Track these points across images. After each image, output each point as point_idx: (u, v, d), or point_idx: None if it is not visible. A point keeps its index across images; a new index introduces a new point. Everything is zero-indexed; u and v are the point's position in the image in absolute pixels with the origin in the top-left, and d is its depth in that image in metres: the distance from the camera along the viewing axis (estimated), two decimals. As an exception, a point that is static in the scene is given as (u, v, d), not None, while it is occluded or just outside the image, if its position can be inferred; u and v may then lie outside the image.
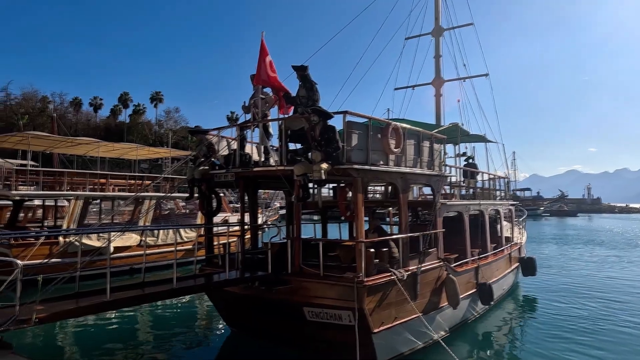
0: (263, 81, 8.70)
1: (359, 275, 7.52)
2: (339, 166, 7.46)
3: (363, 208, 7.90)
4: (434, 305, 9.34)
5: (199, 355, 9.47)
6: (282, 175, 8.20)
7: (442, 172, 10.43)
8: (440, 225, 10.11)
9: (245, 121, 9.19)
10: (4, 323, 4.71)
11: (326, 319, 7.85)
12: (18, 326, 4.81)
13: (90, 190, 19.18)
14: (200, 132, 9.69)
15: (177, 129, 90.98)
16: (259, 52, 8.69)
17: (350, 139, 7.73)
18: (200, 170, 9.17)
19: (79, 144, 21.55)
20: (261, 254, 9.75)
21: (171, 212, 27.62)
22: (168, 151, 26.42)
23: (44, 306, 5.38)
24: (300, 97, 8.38)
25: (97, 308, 5.85)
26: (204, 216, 10.23)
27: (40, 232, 17.43)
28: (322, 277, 7.81)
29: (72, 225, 17.93)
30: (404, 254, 8.75)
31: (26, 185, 18.09)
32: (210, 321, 11.75)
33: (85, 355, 9.04)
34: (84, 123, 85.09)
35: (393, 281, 8.06)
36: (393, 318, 8.20)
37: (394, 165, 8.85)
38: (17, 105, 77.85)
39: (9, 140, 19.78)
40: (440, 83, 17.71)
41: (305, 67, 8.35)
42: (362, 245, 7.61)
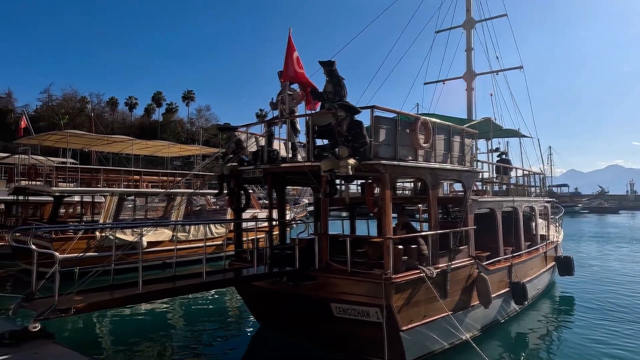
0: (290, 77, 8.70)
1: (387, 272, 7.43)
2: (366, 162, 7.38)
3: (391, 204, 7.79)
4: (465, 304, 9.12)
5: (228, 348, 9.61)
6: (309, 171, 8.20)
7: (473, 168, 10.15)
8: (471, 222, 9.86)
9: (272, 118, 9.22)
10: (45, 312, 4.92)
11: (354, 315, 7.80)
12: (57, 315, 5.02)
13: (125, 187, 19.81)
14: (229, 129, 9.81)
15: (208, 127, 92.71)
16: (286, 48, 8.70)
17: (377, 134, 7.64)
18: (229, 166, 9.28)
19: (114, 141, 22.30)
20: (289, 249, 9.81)
21: (202, 208, 28.22)
22: (198, 148, 26.95)
23: (81, 297, 5.58)
24: (327, 93, 8.33)
25: (130, 300, 6.03)
26: (233, 212, 10.35)
27: (77, 226, 18.13)
28: (350, 274, 7.77)
29: (108, 220, 18.58)
30: (434, 251, 8.58)
31: (65, 182, 18.88)
32: (239, 316, 11.92)
33: (120, 345, 9.34)
34: (119, 122, 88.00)
35: (422, 278, 7.92)
36: (422, 316, 8.07)
37: (423, 161, 8.69)
38: (58, 106, 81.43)
39: (49, 138, 20.67)
40: (472, 77, 17.29)
41: (332, 62, 8.29)
42: (390, 241, 7.52)
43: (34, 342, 5.36)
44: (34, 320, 4.96)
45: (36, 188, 18.40)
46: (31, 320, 5.01)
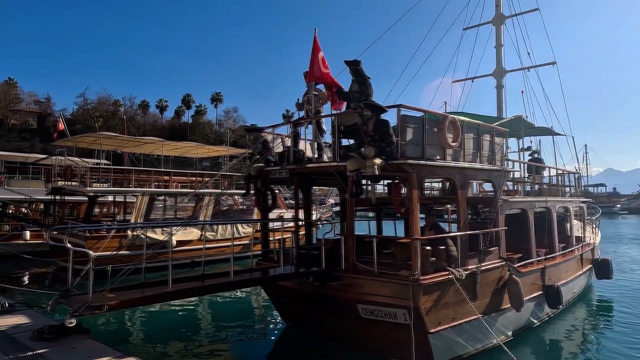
0: (316, 77, 8.70)
1: (414, 273, 7.32)
2: (393, 161, 7.29)
3: (418, 204, 7.67)
4: (495, 307, 8.88)
5: (254, 347, 9.70)
6: (335, 171, 8.17)
7: (503, 167, 9.87)
8: (502, 223, 9.60)
9: (298, 118, 9.25)
10: (80, 309, 5.10)
11: (380, 316, 7.72)
12: (91, 312, 5.18)
13: (155, 187, 20.31)
14: (256, 130, 9.90)
15: (236, 128, 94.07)
16: (312, 48, 8.71)
17: (404, 133, 7.53)
18: (256, 167, 9.36)
19: (145, 143, 22.91)
20: (315, 249, 9.82)
21: (230, 208, 28.66)
22: (226, 149, 27.34)
23: (113, 295, 5.74)
24: (353, 92, 8.28)
25: (160, 298, 6.17)
26: (259, 212, 10.44)
27: (109, 225, 18.69)
28: (376, 274, 7.70)
29: (139, 219, 19.08)
30: (463, 253, 8.40)
31: (99, 183, 19.51)
32: (265, 315, 12.01)
33: (149, 340, 9.56)
34: (151, 124, 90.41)
35: (451, 280, 7.77)
36: (451, 318, 7.91)
37: (451, 160, 8.52)
38: (92, 109, 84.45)
39: (84, 140, 21.44)
40: (502, 74, 16.84)
41: (358, 61, 8.23)
42: (417, 242, 7.40)
43: (71, 337, 5.56)
44: (69, 316, 5.15)
45: (71, 188, 19.10)
46: (67, 316, 5.20)
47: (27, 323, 6.38)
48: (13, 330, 6.00)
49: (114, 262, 7.05)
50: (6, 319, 6.57)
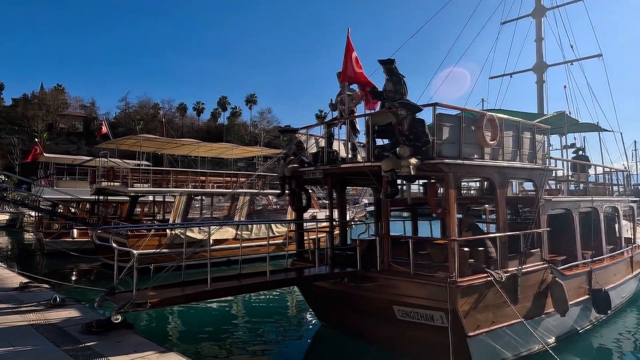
0: (349, 78, 8.68)
1: (452, 275, 7.17)
2: (429, 161, 7.17)
3: (455, 205, 7.50)
4: (538, 310, 8.56)
5: (289, 346, 9.77)
6: (369, 172, 8.12)
7: (545, 166, 9.50)
8: (544, 224, 9.24)
9: (332, 118, 9.26)
10: (124, 305, 5.32)
11: (417, 318, 7.61)
12: (135, 309, 5.40)
13: (192, 188, 20.88)
14: (290, 130, 9.99)
15: (270, 129, 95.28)
16: (345, 48, 8.69)
17: (440, 132, 7.38)
18: (290, 167, 9.44)
19: (183, 144, 23.62)
20: (350, 250, 9.80)
21: (264, 208, 29.06)
22: (260, 150, 27.79)
23: (155, 292, 5.95)
24: (387, 92, 8.19)
25: (199, 296, 6.34)
26: (294, 212, 10.52)
27: (151, 225, 19.34)
28: (412, 276, 7.59)
29: (177, 219, 19.67)
30: (502, 254, 8.15)
31: (140, 183, 20.26)
32: (300, 314, 12.09)
33: (188, 337, 9.82)
34: (188, 126, 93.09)
35: (490, 282, 7.55)
36: (490, 322, 7.68)
37: (489, 159, 8.28)
38: (134, 113, 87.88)
39: (125, 142, 22.30)
40: (543, 68, 16.20)
41: (392, 60, 8.14)
42: (454, 243, 7.24)
43: (117, 332, 5.81)
44: (115, 312, 5.39)
45: (114, 189, 19.93)
46: (113, 312, 5.44)
47: (76, 317, 6.72)
48: (64, 323, 6.34)
49: (154, 260, 7.31)
50: (58, 313, 6.95)
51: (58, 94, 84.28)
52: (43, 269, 18.34)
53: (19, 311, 7.01)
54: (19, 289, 8.68)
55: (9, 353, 5.19)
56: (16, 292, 8.55)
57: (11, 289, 8.80)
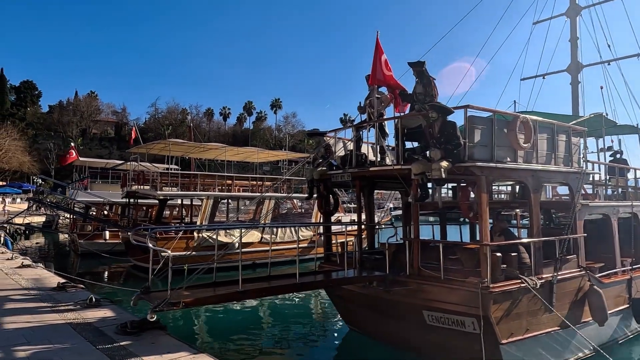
0: (378, 80, 8.62)
1: (484, 280, 7.00)
2: (460, 164, 7.03)
3: (488, 209, 7.33)
4: (574, 319, 8.24)
5: (316, 349, 9.74)
6: (398, 175, 8.04)
7: (582, 169, 9.18)
8: (580, 229, 8.92)
9: (361, 121, 9.22)
10: (160, 304, 5.42)
11: (447, 324, 7.46)
12: (169, 308, 5.50)
13: (218, 191, 21.16)
14: (318, 134, 10.00)
15: (295, 133, 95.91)
16: (374, 51, 8.64)
17: (472, 135, 7.24)
18: (319, 171, 9.44)
19: (210, 149, 23.98)
20: (378, 253, 9.72)
21: (288, 212, 29.19)
22: (285, 154, 27.94)
23: (188, 292, 6.04)
24: (417, 94, 8.10)
25: (231, 297, 6.40)
26: (322, 215, 10.51)
27: (178, 227, 19.65)
28: (443, 281, 7.45)
29: (204, 222, 19.99)
30: (537, 260, 7.90)
31: (169, 187, 20.68)
32: (327, 317, 12.06)
33: (215, 338, 9.91)
34: (215, 131, 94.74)
35: (524, 289, 7.33)
36: (524, 330, 7.46)
37: (523, 162, 8.07)
38: (163, 118, 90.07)
39: (155, 147, 22.84)
40: (578, 69, 15.69)
41: (422, 62, 8.05)
42: (487, 248, 7.07)
43: (151, 333, 5.93)
44: (150, 311, 5.49)
45: (144, 192, 20.40)
46: (149, 311, 5.55)
47: (111, 317, 6.89)
48: (100, 323, 6.51)
49: (184, 262, 7.40)
50: (93, 313, 7.15)
51: (91, 101, 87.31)
52: (77, 269, 18.95)
53: (57, 310, 7.25)
54: (57, 289, 8.97)
55: (48, 351, 5.37)
56: (54, 291, 8.85)
57: (49, 288, 9.11)
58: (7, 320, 6.64)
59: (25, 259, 13.20)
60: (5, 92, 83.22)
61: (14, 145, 59.87)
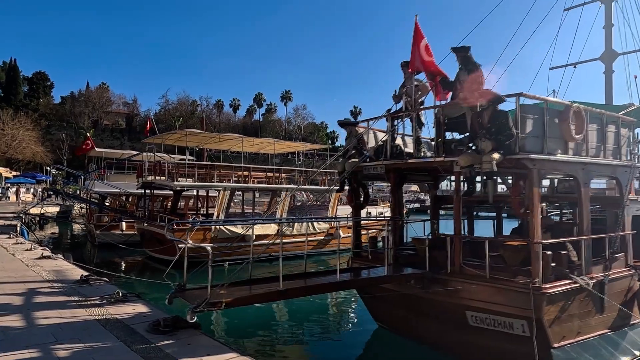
0: (418, 67, 8.13)
1: (535, 280, 6.55)
2: (512, 156, 6.56)
3: (539, 204, 6.86)
4: (625, 321, 7.81)
5: (343, 347, 9.39)
6: (440, 167, 7.59)
7: (632, 162, 8.65)
8: (629, 226, 8.42)
9: (397, 110, 8.75)
10: (201, 304, 5.05)
11: (493, 326, 7.05)
12: (210, 308, 5.13)
13: (234, 182, 20.84)
14: (350, 124, 9.55)
15: (305, 125, 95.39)
16: (413, 36, 8.14)
17: (524, 125, 6.75)
18: (351, 162, 9.01)
19: (226, 139, 23.64)
20: (408, 249, 9.34)
21: (303, 204, 28.86)
22: (301, 145, 27.52)
23: (225, 291, 5.67)
24: (462, 81, 7.60)
25: (272, 296, 6.01)
26: (352, 209, 10.10)
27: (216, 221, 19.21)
28: (489, 280, 7.01)
29: (221, 213, 19.69)
30: (587, 259, 7.43)
31: (184, 178, 20.38)
32: (354, 314, 11.69)
33: (246, 335, 9.59)
34: (225, 123, 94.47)
35: (576, 290, 6.89)
36: (575, 332, 7.03)
37: (572, 155, 7.57)
38: (173, 110, 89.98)
39: (170, 137, 22.51)
40: (613, 57, 14.98)
41: (467, 47, 7.53)
42: (539, 246, 6.62)
43: (186, 332, 5.59)
44: (191, 312, 5.12)
45: (161, 183, 20.12)
46: (188, 311, 5.19)
47: (140, 313, 6.56)
48: (130, 320, 6.19)
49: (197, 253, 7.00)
50: (121, 308, 6.83)
51: (103, 92, 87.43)
52: (95, 260, 18.80)
53: (83, 305, 6.94)
54: (81, 282, 8.70)
55: (81, 351, 5.05)
56: (78, 284, 8.57)
57: (73, 281, 8.84)
58: (34, 316, 6.35)
59: (44, 250, 13.00)
60: (18, 83, 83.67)
61: (27, 135, 60.20)
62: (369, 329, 10.25)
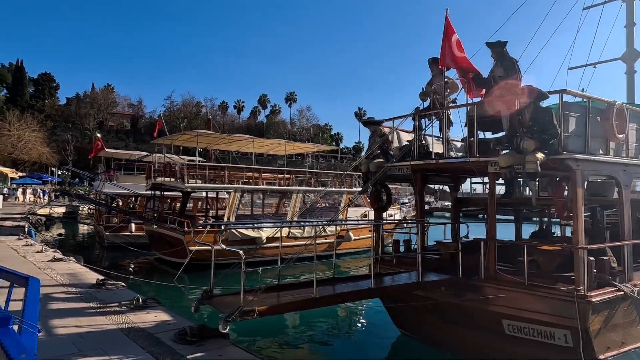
0: (448, 63, 7.79)
1: (579, 288, 6.20)
2: (556, 156, 6.21)
3: (583, 207, 6.51)
4: (667, 330, 7.41)
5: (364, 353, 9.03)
6: (474, 168, 7.25)
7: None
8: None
9: (425, 108, 8.41)
10: (233, 313, 4.71)
11: (532, 335, 6.69)
12: (243, 317, 4.79)
13: (243, 184, 20.54)
14: (374, 122, 9.21)
15: (309, 127, 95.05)
16: (444, 31, 7.80)
17: (567, 124, 6.41)
18: (376, 163, 8.68)
19: (235, 140, 23.31)
20: (431, 253, 9.02)
21: (312, 206, 28.52)
22: (312, 146, 27.22)
23: (255, 297, 5.31)
24: (497, 77, 7.25)
25: (306, 304, 5.64)
26: (375, 211, 9.76)
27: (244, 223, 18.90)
28: (528, 287, 6.65)
29: (232, 215, 19.38)
30: (629, 265, 7.07)
31: (194, 179, 20.08)
32: (374, 321, 11.30)
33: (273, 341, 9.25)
34: (229, 124, 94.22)
35: (621, 297, 6.53)
36: (620, 343, 6.68)
37: (613, 155, 7.22)
38: (177, 111, 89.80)
39: (180, 138, 22.23)
40: (635, 57, 14.60)
41: (503, 42, 7.20)
42: (584, 252, 6.26)
43: (214, 342, 5.26)
44: (223, 322, 4.77)
45: (171, 184, 19.81)
46: (220, 321, 4.84)
47: (164, 321, 6.24)
48: (153, 329, 5.86)
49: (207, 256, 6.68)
50: (143, 315, 6.51)
51: (108, 93, 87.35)
52: (104, 262, 18.53)
53: (103, 312, 6.62)
54: (96, 287, 8.39)
55: (108, 363, 4.73)
56: (93, 289, 8.26)
57: (88, 285, 8.53)
58: (52, 324, 6.03)
59: (55, 252, 12.71)
60: (24, 84, 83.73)
61: (33, 136, 60.15)
62: (390, 335, 9.89)
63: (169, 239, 18.13)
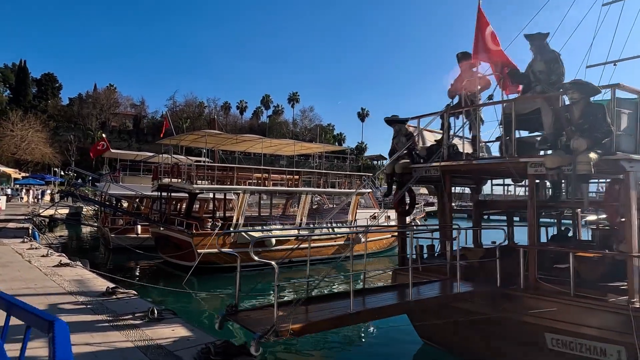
0: (482, 57, 7.31)
1: (633, 300, 5.70)
2: (609, 156, 5.72)
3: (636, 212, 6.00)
4: None
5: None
6: (513, 169, 6.75)
7: None
8: None
9: (454, 105, 7.92)
10: (267, 333, 4.21)
11: (579, 351, 6.18)
12: (276, 338, 4.29)
13: (248, 185, 20.08)
14: (398, 121, 8.71)
15: (312, 127, 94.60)
16: (476, 23, 7.33)
17: (619, 121, 5.91)
18: (401, 164, 8.20)
19: (243, 140, 22.84)
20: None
21: (319, 207, 28.03)
22: (320, 146, 26.75)
23: (284, 312, 4.82)
24: (537, 72, 6.76)
25: (343, 321, 5.16)
26: (398, 215, 9.27)
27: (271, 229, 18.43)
28: (574, 298, 6.16)
29: (241, 217, 18.90)
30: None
31: (201, 180, 19.60)
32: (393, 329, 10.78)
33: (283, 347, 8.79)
34: (231, 124, 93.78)
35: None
36: (674, 360, 6.14)
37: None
38: (180, 111, 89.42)
39: (187, 138, 21.79)
40: (660, 53, 14.06)
41: (544, 34, 6.71)
42: (639, 260, 5.76)
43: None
44: (256, 343, 4.28)
45: (178, 185, 19.34)
46: (252, 343, 4.35)
47: (183, 337, 5.74)
48: (173, 346, 5.37)
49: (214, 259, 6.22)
50: (159, 330, 6.01)
51: (110, 94, 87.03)
52: (109, 265, 18.07)
53: (116, 326, 6.13)
54: (106, 295, 7.91)
55: (126, 387, 4.24)
56: (104, 298, 7.78)
57: (98, 294, 8.05)
58: (62, 339, 5.54)
59: (62, 256, 12.25)
60: (27, 85, 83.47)
61: (36, 136, 59.84)
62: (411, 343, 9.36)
63: (177, 241, 17.67)
